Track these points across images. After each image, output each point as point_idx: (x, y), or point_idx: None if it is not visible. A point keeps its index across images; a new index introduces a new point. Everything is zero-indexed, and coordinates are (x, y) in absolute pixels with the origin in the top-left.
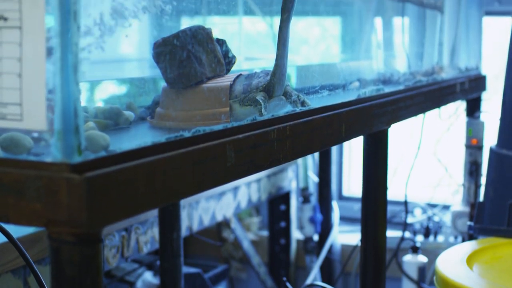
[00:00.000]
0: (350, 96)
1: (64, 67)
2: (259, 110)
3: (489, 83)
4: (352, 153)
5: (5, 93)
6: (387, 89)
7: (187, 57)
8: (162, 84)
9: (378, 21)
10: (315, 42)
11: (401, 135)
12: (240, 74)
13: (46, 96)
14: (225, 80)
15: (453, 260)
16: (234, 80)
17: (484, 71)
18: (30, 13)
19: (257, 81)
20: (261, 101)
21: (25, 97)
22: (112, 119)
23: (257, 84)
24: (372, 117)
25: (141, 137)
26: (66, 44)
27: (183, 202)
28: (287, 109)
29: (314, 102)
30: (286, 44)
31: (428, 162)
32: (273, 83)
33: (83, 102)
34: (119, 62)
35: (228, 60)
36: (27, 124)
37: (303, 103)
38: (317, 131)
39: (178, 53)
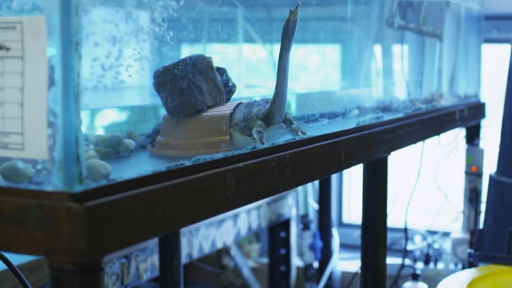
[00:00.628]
0: (350, 124)
1: (65, 96)
2: (259, 139)
3: (488, 109)
4: (352, 179)
5: (7, 123)
6: (387, 117)
7: (187, 86)
8: (163, 112)
9: (378, 49)
10: (315, 69)
11: (401, 162)
12: (240, 103)
13: (48, 125)
14: (225, 109)
15: None
16: (234, 109)
17: (483, 98)
18: (32, 43)
19: (257, 109)
20: (255, 135)
21: (27, 127)
22: (112, 148)
23: (257, 112)
24: (372, 145)
25: (141, 166)
26: (67, 74)
27: (183, 229)
28: (287, 137)
29: (314, 130)
30: (286, 72)
31: (428, 189)
32: (273, 111)
33: (83, 129)
34: (120, 90)
35: (228, 89)
36: (28, 153)
37: (303, 132)
38: (317, 159)
39: (179, 83)
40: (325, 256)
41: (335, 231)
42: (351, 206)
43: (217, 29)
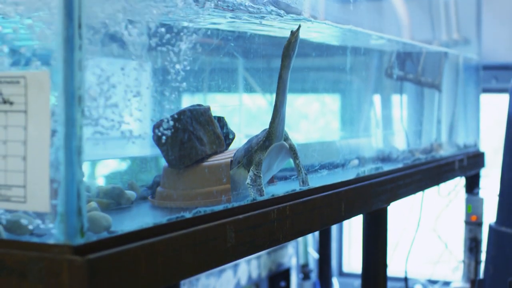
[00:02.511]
0: (349, 175)
1: (67, 150)
2: (253, 193)
3: (488, 157)
4: (352, 228)
5: (9, 176)
6: (386, 167)
7: (187, 138)
8: (163, 163)
9: (377, 99)
10: (315, 119)
11: (401, 211)
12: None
13: (50, 178)
14: (225, 156)
15: None
16: (235, 153)
17: (483, 147)
18: (35, 97)
19: (257, 139)
20: (250, 182)
21: (29, 180)
22: (114, 199)
23: (257, 141)
24: (372, 195)
25: (142, 218)
26: (70, 128)
27: None
28: (287, 156)
29: (314, 181)
30: (285, 91)
31: (428, 238)
32: (272, 131)
33: (85, 179)
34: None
35: (227, 136)
36: (30, 206)
37: (293, 150)
38: (316, 211)
39: (179, 135)
40: None
41: (335, 281)
42: (351, 255)
43: (218, 79)
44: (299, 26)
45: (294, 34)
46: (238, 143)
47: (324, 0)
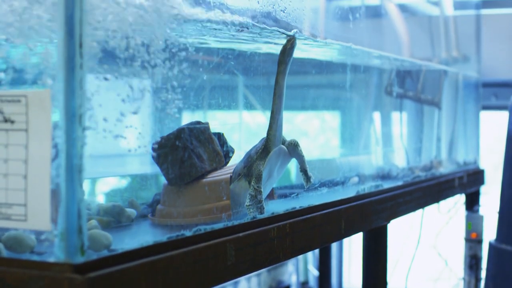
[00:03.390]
0: (349, 192)
1: (68, 169)
2: (253, 211)
3: (488, 174)
4: (352, 245)
5: (10, 194)
6: (386, 185)
7: (187, 156)
8: (163, 181)
9: (377, 116)
10: (315, 136)
11: (401, 228)
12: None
13: (50, 197)
14: (225, 173)
15: None
16: (235, 167)
17: (483, 164)
18: (36, 116)
19: (256, 149)
20: (249, 203)
21: (30, 198)
22: (114, 217)
23: (256, 150)
24: (372, 213)
25: (142, 236)
26: (71, 146)
27: None
28: (286, 160)
29: (314, 199)
30: (281, 97)
31: (428, 255)
32: (270, 138)
33: (85, 197)
34: (121, 157)
35: (227, 152)
36: (31, 224)
37: (296, 145)
38: (316, 228)
39: (179, 154)
40: None
41: None
42: (351, 272)
43: (218, 96)
44: (296, 31)
45: (290, 40)
46: (237, 159)
47: (324, 19)
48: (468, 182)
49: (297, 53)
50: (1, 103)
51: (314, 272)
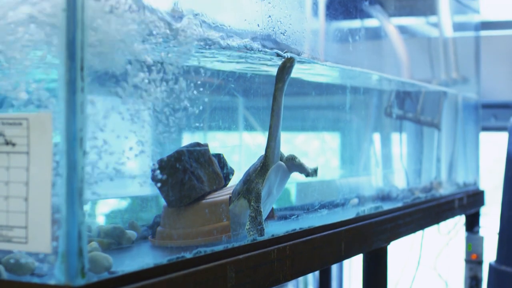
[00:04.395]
0: (349, 214)
1: (69, 191)
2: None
3: (489, 193)
4: (352, 267)
5: (11, 216)
6: (386, 206)
7: (187, 178)
8: (163, 202)
9: (377, 138)
10: (315, 157)
11: (401, 249)
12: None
13: (51, 219)
14: (224, 194)
15: None
16: (234, 187)
17: (483, 184)
18: (37, 139)
19: (254, 167)
20: (249, 226)
21: (31, 221)
22: (114, 239)
23: (255, 168)
24: (371, 235)
25: (143, 258)
26: (71, 169)
27: None
28: (286, 177)
29: (314, 221)
30: (279, 114)
31: (428, 277)
32: (268, 155)
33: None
34: (122, 179)
35: (227, 174)
36: (32, 247)
37: (311, 170)
38: (317, 250)
39: (179, 176)
40: None
41: None
42: None
43: (218, 117)
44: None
45: (290, 59)
46: (237, 180)
47: (324, 41)
48: (468, 204)
49: (297, 74)
50: (2, 126)
51: None
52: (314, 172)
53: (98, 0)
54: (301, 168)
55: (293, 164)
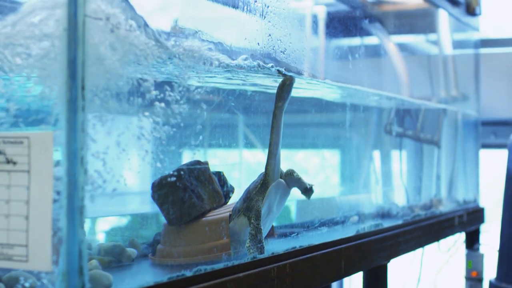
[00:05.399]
0: (349, 232)
1: (70, 210)
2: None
3: (489, 210)
4: (352, 284)
5: (12, 235)
6: (386, 224)
7: (187, 196)
8: (163, 220)
9: (377, 155)
10: (314, 175)
11: (401, 266)
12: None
13: (52, 238)
14: (224, 211)
15: None
16: (234, 205)
17: (483, 201)
18: (38, 157)
19: (254, 184)
20: (249, 244)
21: (31, 239)
22: (115, 257)
23: (255, 186)
24: (372, 252)
25: (143, 276)
26: (72, 188)
27: None
28: (286, 194)
29: (314, 238)
30: (279, 131)
31: None
32: (268, 172)
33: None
34: (122, 196)
35: (227, 192)
36: (32, 265)
37: (292, 172)
38: (317, 268)
39: (179, 194)
40: None
41: None
42: None
43: (218, 135)
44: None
45: (290, 78)
46: (237, 198)
47: (324, 59)
48: (468, 221)
49: (297, 92)
50: (3, 144)
51: None
52: (310, 189)
53: (99, 19)
54: (299, 183)
55: (291, 178)
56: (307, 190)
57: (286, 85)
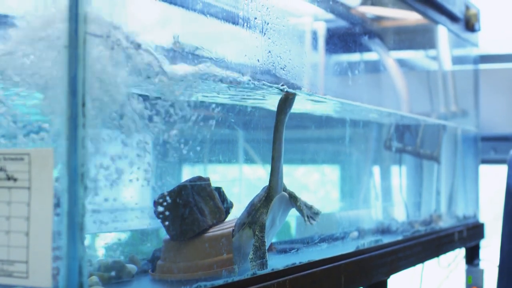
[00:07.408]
0: (349, 247)
1: (70, 226)
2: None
3: (489, 224)
4: None
5: (12, 251)
6: (386, 240)
7: (189, 212)
8: (164, 235)
9: (376, 171)
10: (315, 190)
11: (401, 282)
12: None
13: (52, 254)
14: (225, 227)
15: None
16: (237, 219)
17: (483, 216)
18: (39, 174)
19: (259, 197)
20: (252, 257)
21: (31, 255)
22: (115, 273)
23: (259, 199)
24: (371, 268)
25: None
26: (73, 204)
27: None
28: (288, 207)
29: (314, 254)
30: (281, 145)
31: None
32: (272, 185)
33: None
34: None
35: (226, 207)
36: (32, 281)
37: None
38: (316, 284)
39: (181, 210)
40: None
41: None
42: None
43: (218, 150)
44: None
45: (291, 93)
46: (237, 213)
47: (323, 75)
48: (468, 236)
49: (297, 108)
50: (4, 161)
51: None
52: (311, 218)
53: (99, 36)
54: (300, 213)
55: (294, 206)
56: (309, 219)
57: (289, 99)
